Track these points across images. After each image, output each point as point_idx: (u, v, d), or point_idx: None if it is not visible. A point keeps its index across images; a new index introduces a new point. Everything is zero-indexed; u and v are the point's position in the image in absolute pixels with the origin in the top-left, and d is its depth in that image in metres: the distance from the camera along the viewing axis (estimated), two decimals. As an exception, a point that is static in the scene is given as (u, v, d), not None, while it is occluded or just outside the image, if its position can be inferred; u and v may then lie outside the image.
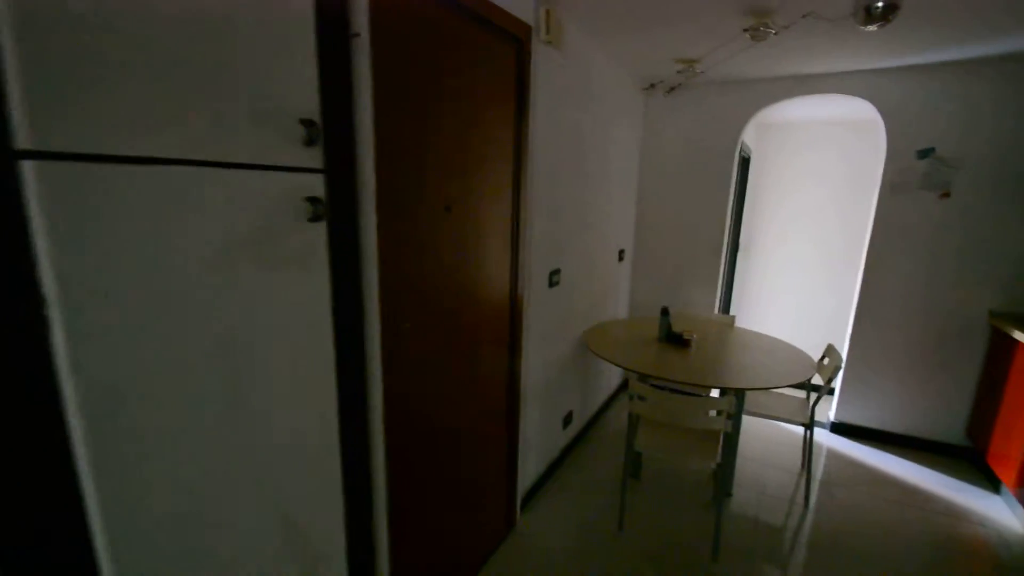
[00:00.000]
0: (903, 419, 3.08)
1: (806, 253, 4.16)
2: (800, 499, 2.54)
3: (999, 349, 2.71)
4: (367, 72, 1.13)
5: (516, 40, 1.77)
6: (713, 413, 1.95)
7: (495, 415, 2.02)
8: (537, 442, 2.46)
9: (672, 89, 3.25)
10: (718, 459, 2.05)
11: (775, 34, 2.06)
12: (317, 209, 1.04)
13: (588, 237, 2.79)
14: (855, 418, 3.20)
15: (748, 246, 4.38)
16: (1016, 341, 2.51)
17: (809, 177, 4.06)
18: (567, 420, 2.81)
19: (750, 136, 3.95)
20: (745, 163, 4.01)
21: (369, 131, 1.16)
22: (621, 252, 3.37)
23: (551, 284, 2.34)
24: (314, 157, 1.04)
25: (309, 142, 1.01)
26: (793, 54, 2.53)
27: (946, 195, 2.77)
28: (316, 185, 1.05)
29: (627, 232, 3.48)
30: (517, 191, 1.93)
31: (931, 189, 2.80)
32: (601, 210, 2.95)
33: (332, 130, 1.07)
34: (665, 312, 2.67)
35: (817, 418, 3.45)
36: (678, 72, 2.80)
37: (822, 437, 3.20)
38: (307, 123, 1.00)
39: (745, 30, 2.09)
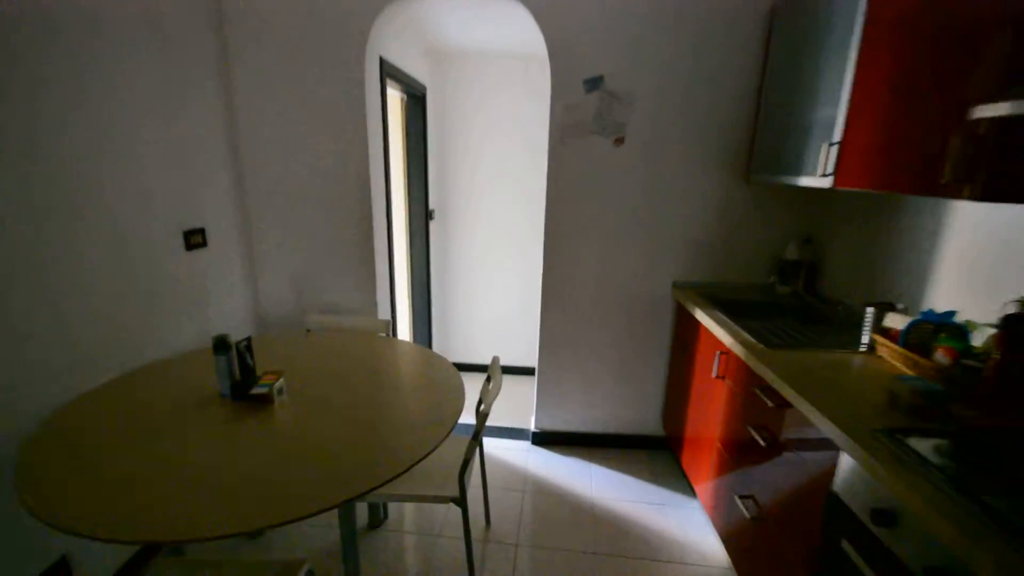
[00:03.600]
0: (604, 416, 2.57)
1: (515, 217, 3.44)
2: (471, 600, 1.68)
3: (683, 329, 2.29)
4: None
5: None
6: None
7: None
8: None
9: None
10: None
11: None
12: None
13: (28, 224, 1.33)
14: (556, 423, 2.59)
15: (444, 212, 3.48)
16: (697, 321, 2.06)
17: (502, 122, 3.29)
18: (42, 594, 1.40)
19: (420, 67, 2.94)
20: (419, 101, 3.00)
21: None
22: (195, 234, 1.99)
23: None
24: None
25: None
26: None
27: (620, 141, 2.16)
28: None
29: (215, 200, 2.11)
30: None
31: (604, 133, 2.16)
32: (98, 171, 1.52)
33: None
34: (223, 346, 1.45)
35: (518, 425, 2.79)
36: None
37: (522, 455, 2.51)
38: None
39: None
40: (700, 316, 1.97)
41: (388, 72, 2.37)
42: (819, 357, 1.52)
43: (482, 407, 1.61)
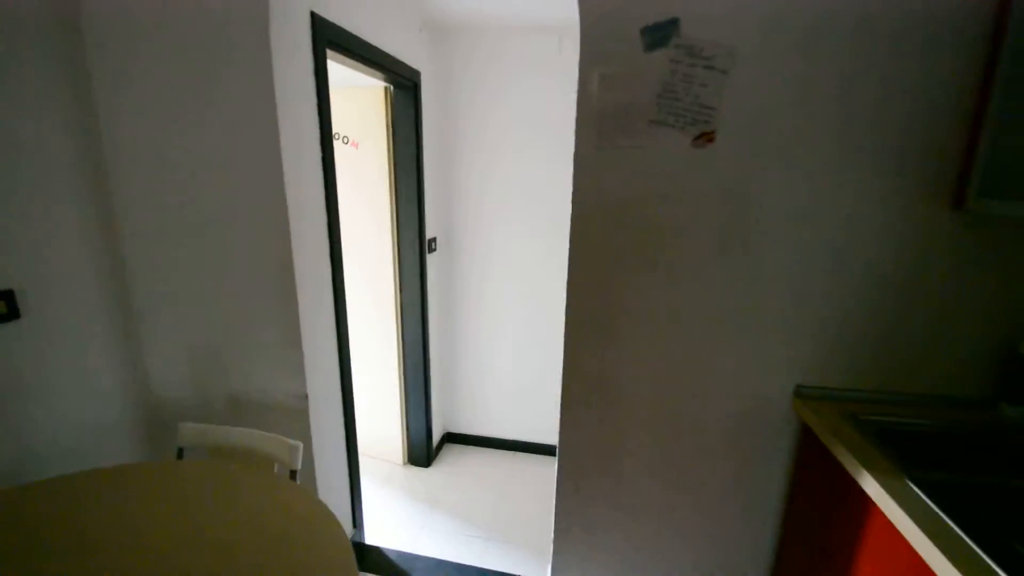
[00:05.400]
0: None
1: (545, 247, 2.50)
2: None
3: (812, 469, 1.28)
4: None
5: None
6: None
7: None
8: None
9: None
10: None
11: None
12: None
13: None
14: (586, 587, 1.64)
15: (449, 241, 2.62)
16: (859, 491, 1.05)
17: (529, 121, 2.38)
18: None
19: (412, 45, 2.11)
20: (410, 93, 2.17)
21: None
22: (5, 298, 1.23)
23: None
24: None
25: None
26: None
27: (707, 138, 1.21)
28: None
29: (46, 244, 1.35)
30: None
31: (678, 125, 1.21)
32: None
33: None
34: None
35: (533, 557, 1.85)
36: None
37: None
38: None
39: None
40: (874, 491, 0.97)
41: (332, 39, 1.55)
42: None
43: None
